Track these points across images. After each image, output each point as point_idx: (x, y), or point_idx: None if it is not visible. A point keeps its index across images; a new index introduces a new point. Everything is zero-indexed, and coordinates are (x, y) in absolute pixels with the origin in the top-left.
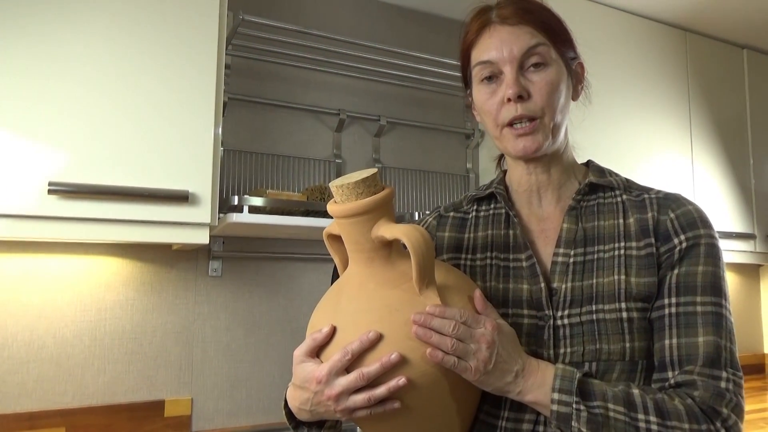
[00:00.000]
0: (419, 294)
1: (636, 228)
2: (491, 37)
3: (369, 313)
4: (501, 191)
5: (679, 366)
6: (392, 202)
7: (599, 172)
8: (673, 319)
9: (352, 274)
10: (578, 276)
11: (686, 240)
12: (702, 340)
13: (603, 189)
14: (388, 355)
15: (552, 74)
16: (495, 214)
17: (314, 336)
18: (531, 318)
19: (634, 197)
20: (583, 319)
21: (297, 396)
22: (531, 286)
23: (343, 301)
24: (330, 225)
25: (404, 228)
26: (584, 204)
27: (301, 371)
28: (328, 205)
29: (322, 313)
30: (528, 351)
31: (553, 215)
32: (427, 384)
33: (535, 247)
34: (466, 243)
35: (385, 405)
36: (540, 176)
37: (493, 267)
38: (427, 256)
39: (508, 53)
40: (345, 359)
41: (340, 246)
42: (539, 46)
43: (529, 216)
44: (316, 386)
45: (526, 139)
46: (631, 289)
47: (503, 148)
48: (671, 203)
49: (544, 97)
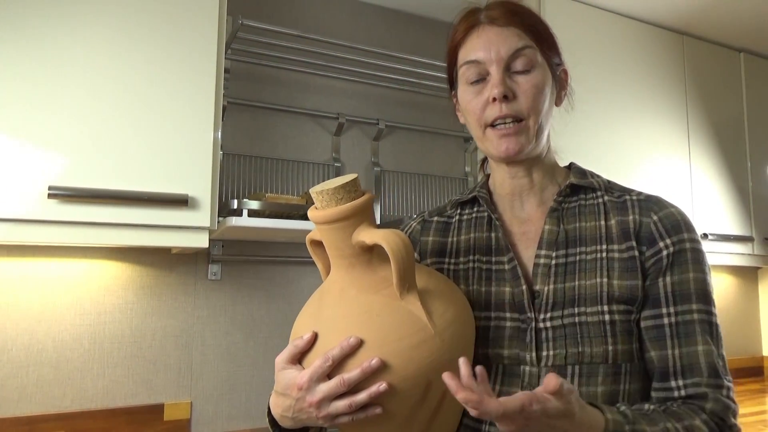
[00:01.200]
0: (400, 299)
1: (617, 230)
2: (479, 37)
3: (350, 319)
4: (484, 195)
5: (683, 376)
6: (372, 207)
7: (580, 173)
8: (672, 329)
9: (334, 280)
10: (560, 278)
11: (672, 244)
12: (702, 349)
13: (584, 190)
14: (368, 361)
15: (538, 77)
16: (478, 217)
17: (296, 342)
18: (513, 321)
19: (615, 198)
20: (566, 321)
21: (279, 403)
22: (513, 289)
23: (325, 308)
24: (312, 231)
25: (384, 233)
26: (566, 206)
27: (282, 378)
28: (309, 211)
29: (303, 319)
30: (511, 354)
31: (535, 217)
32: (409, 388)
33: (517, 249)
34: (449, 247)
35: (366, 411)
36: (522, 180)
37: (476, 270)
38: (406, 260)
39: (495, 54)
40: (326, 365)
41: (323, 252)
42: (526, 49)
43: (512, 219)
44: (298, 393)
45: (509, 140)
46: (614, 291)
47: (485, 150)
48: (653, 205)
49: (530, 99)
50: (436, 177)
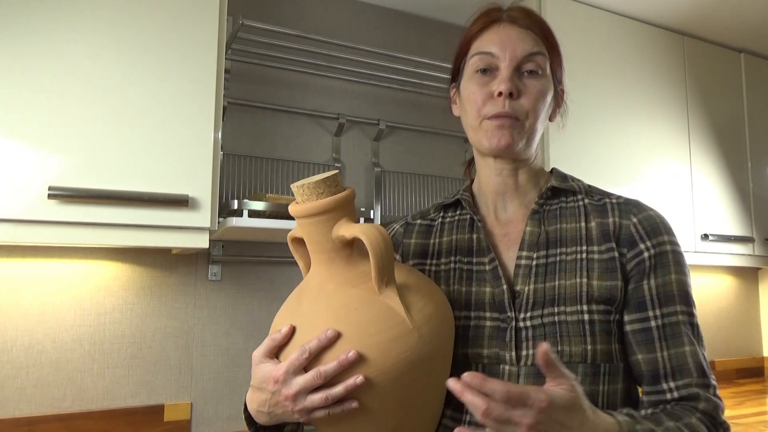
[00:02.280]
0: (378, 293)
1: (597, 232)
2: (498, 32)
3: (328, 313)
4: (467, 197)
5: (673, 377)
6: (353, 203)
7: (561, 177)
8: (659, 331)
9: (313, 275)
10: (540, 278)
11: (653, 247)
12: (688, 350)
13: (565, 193)
14: (345, 353)
15: (543, 84)
16: (460, 219)
17: (273, 336)
18: (493, 320)
19: (595, 201)
20: (545, 320)
21: (255, 398)
22: (494, 289)
23: (304, 302)
24: (294, 228)
25: (363, 227)
26: (547, 208)
27: (259, 372)
28: (290, 206)
29: (283, 314)
30: (490, 353)
31: (516, 219)
32: (387, 383)
33: (498, 250)
34: (431, 249)
35: (343, 405)
36: (507, 179)
37: (457, 271)
38: (385, 254)
39: (510, 52)
40: (302, 358)
41: (304, 249)
42: (539, 55)
43: (493, 221)
44: (274, 386)
45: (503, 132)
46: (593, 291)
47: (477, 141)
48: (632, 208)
49: (532, 101)
50: (437, 177)
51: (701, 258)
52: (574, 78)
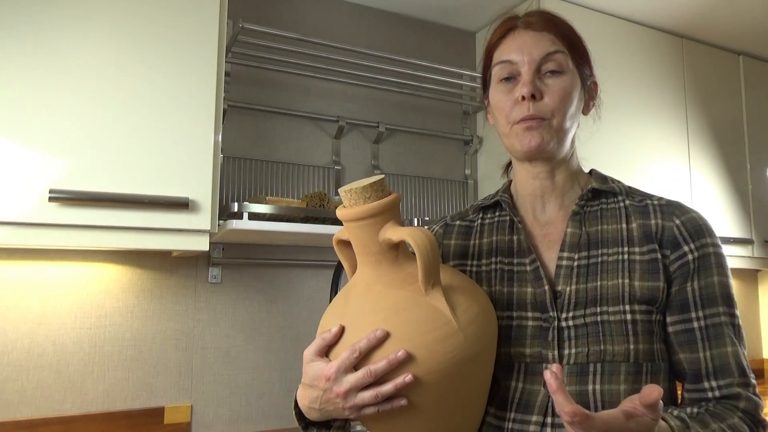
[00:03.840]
0: (425, 294)
1: (639, 233)
2: (514, 40)
3: (376, 313)
4: (506, 199)
5: (715, 377)
6: (399, 206)
7: (602, 179)
8: (702, 332)
9: (361, 277)
10: (582, 279)
11: (696, 249)
12: (730, 350)
13: (606, 195)
14: (394, 353)
15: (566, 81)
16: (500, 221)
17: (323, 336)
18: (535, 320)
19: (636, 203)
20: (588, 320)
21: (307, 395)
22: (535, 289)
23: (352, 303)
24: (339, 231)
25: (410, 230)
26: (587, 209)
27: (310, 369)
28: (338, 210)
29: (331, 314)
30: (533, 352)
31: (557, 220)
32: (434, 382)
33: (539, 251)
34: (471, 250)
35: (392, 402)
36: (544, 181)
37: (498, 272)
38: (431, 257)
39: (528, 56)
40: (353, 357)
41: (350, 251)
42: (557, 53)
43: (533, 222)
44: (325, 384)
45: (532, 133)
46: (635, 292)
47: (510, 146)
48: (675, 210)
49: (556, 100)
50: (436, 180)
51: None
52: None
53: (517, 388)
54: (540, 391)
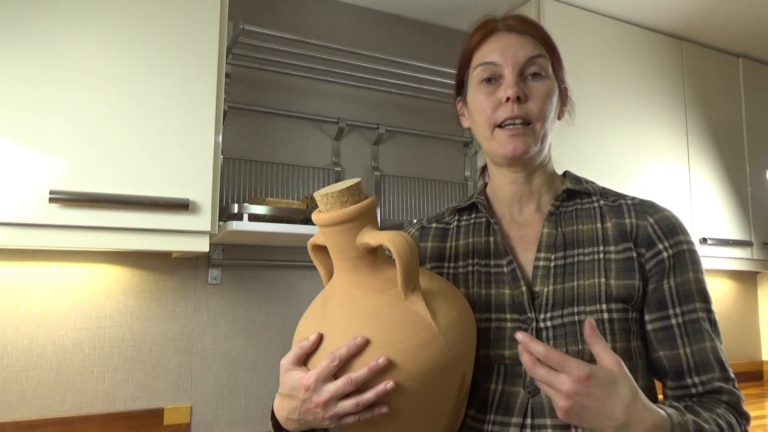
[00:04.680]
0: (405, 299)
1: (614, 232)
2: (497, 41)
3: (355, 320)
4: (482, 201)
5: (696, 373)
6: (376, 210)
7: (576, 180)
8: (681, 329)
9: (338, 282)
10: (559, 279)
11: (671, 247)
12: (709, 345)
13: (580, 195)
14: (375, 360)
15: (548, 85)
16: (476, 222)
17: (301, 344)
18: (514, 322)
19: (611, 203)
20: (566, 320)
21: (285, 405)
22: (513, 291)
23: (330, 309)
24: (315, 236)
25: (388, 234)
26: (563, 210)
27: (288, 379)
28: (313, 215)
29: (308, 321)
30: (512, 354)
31: (533, 221)
32: (415, 387)
33: (515, 252)
34: (448, 252)
35: (373, 410)
36: (522, 186)
37: (475, 273)
38: (411, 261)
39: (511, 58)
40: (333, 365)
41: (325, 256)
42: (540, 57)
43: (510, 223)
44: (304, 394)
45: (517, 140)
46: (611, 291)
47: (491, 150)
48: (648, 209)
49: (540, 103)
50: (436, 181)
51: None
52: (572, 83)
53: (496, 390)
54: (520, 393)
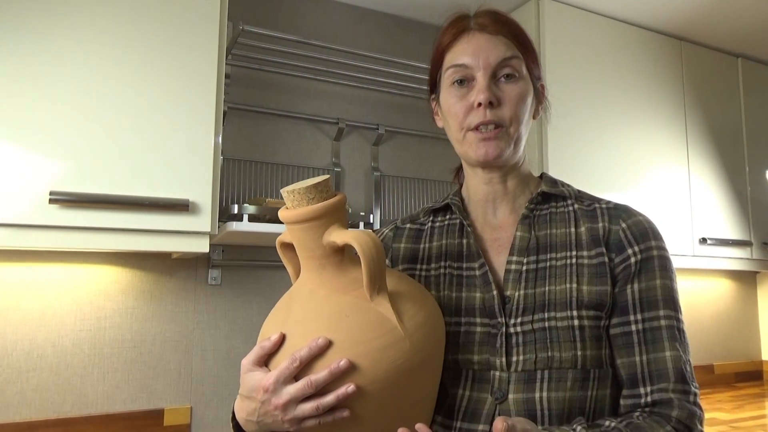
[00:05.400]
0: (370, 300)
1: (587, 237)
2: (468, 42)
3: (319, 320)
4: (456, 202)
5: (650, 382)
6: (345, 208)
7: (551, 182)
8: (639, 336)
9: (304, 282)
10: (531, 284)
11: (640, 252)
12: (669, 355)
13: (555, 198)
14: (336, 362)
15: (522, 87)
16: (450, 224)
17: (262, 344)
18: (484, 326)
19: (585, 207)
20: (536, 326)
21: (244, 407)
22: (484, 294)
23: (294, 309)
24: (283, 233)
25: (355, 233)
26: (537, 213)
27: (248, 380)
28: (280, 212)
29: (272, 321)
30: (481, 359)
31: (507, 224)
32: (378, 391)
33: (488, 255)
34: (421, 253)
35: (334, 413)
36: (496, 186)
37: (447, 276)
38: (377, 261)
39: (483, 60)
40: (293, 366)
41: (293, 255)
42: (513, 59)
43: (483, 225)
44: (263, 395)
45: (488, 144)
46: (583, 297)
47: (464, 153)
48: (621, 213)
49: (513, 107)
50: (436, 182)
51: (699, 262)
52: (572, 83)
53: (464, 396)
54: (487, 399)
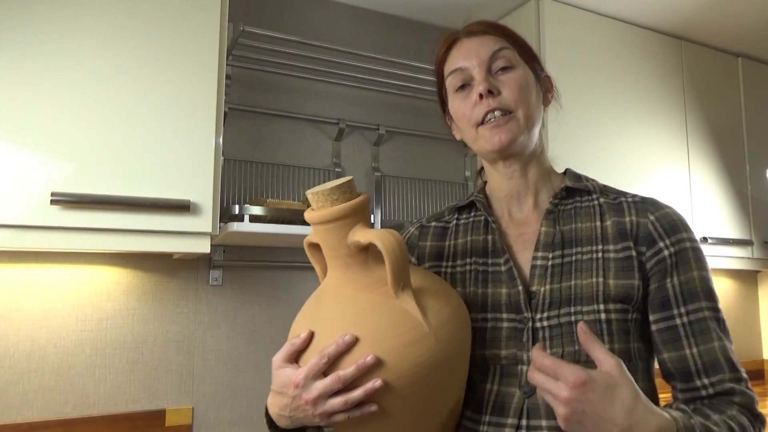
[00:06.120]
0: (395, 297)
1: (613, 231)
2: (459, 48)
3: (345, 318)
4: (480, 199)
5: (706, 374)
6: (368, 208)
7: (576, 177)
8: (686, 329)
9: (330, 280)
10: (556, 278)
11: (672, 245)
12: (717, 345)
13: (580, 193)
14: (363, 358)
15: (519, 74)
16: (475, 221)
17: (292, 341)
18: (510, 321)
19: (611, 200)
20: (562, 320)
21: (276, 402)
22: (509, 290)
23: (321, 307)
24: (310, 234)
25: (378, 232)
26: (562, 208)
27: (279, 376)
28: (306, 213)
29: (301, 319)
30: (508, 354)
31: (531, 220)
32: (405, 386)
33: (513, 251)
34: (446, 251)
35: (362, 408)
36: (518, 180)
37: (473, 272)
38: (400, 259)
39: (475, 58)
40: (322, 363)
41: (320, 255)
42: (504, 50)
43: (508, 221)
44: (294, 391)
45: (500, 130)
46: (609, 290)
47: (480, 148)
48: (649, 206)
49: (515, 92)
50: (436, 182)
51: None
52: (572, 83)
53: (492, 390)
54: (515, 394)
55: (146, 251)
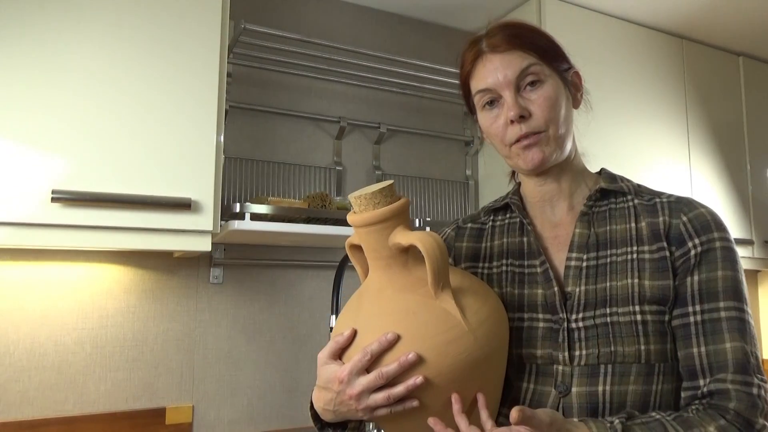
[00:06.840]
0: (435, 297)
1: (648, 232)
2: (484, 66)
3: (387, 317)
4: (515, 201)
5: (710, 373)
6: (408, 211)
7: (610, 178)
8: (698, 327)
9: (372, 281)
10: (591, 279)
11: (701, 244)
12: (729, 347)
13: (614, 194)
14: (405, 355)
15: (549, 90)
16: (510, 223)
17: (336, 339)
18: (546, 321)
19: (645, 201)
20: (598, 321)
21: (321, 396)
22: (545, 291)
23: (364, 306)
24: (352, 236)
25: (419, 234)
26: (596, 209)
27: (324, 372)
28: (348, 216)
29: (344, 317)
30: (544, 353)
31: (566, 221)
32: (444, 383)
33: (549, 253)
34: (483, 252)
35: (404, 403)
36: (551, 185)
37: (509, 273)
38: (440, 260)
39: (503, 78)
40: (365, 359)
41: (362, 256)
42: (531, 66)
43: (543, 223)
44: (339, 386)
45: (533, 151)
46: (645, 292)
47: (515, 165)
48: (683, 207)
49: (545, 112)
50: (437, 180)
51: None
52: None
53: (528, 389)
54: (551, 393)
55: (147, 249)
